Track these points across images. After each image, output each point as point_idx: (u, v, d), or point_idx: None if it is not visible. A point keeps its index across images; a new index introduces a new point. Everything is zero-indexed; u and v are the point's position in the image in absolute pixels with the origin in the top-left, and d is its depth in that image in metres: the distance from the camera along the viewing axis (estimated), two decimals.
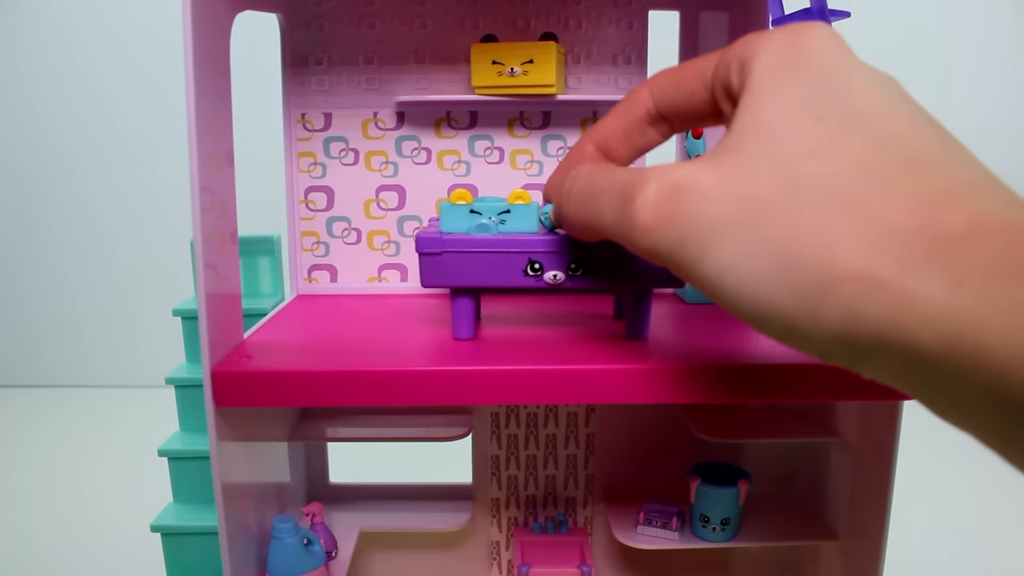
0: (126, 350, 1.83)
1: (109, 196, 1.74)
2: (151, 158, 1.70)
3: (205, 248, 0.55)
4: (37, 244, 1.78)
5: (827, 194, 0.32)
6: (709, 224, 0.35)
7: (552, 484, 0.89)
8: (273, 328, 0.69)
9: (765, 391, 0.57)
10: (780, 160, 0.34)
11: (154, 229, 1.75)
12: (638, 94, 0.47)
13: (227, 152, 0.59)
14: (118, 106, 1.69)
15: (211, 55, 0.55)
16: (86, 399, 1.78)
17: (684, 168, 0.37)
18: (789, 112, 0.35)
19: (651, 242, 0.37)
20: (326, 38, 0.80)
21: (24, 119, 1.70)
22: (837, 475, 0.79)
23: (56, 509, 1.26)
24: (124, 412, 1.70)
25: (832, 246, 0.31)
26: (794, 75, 0.36)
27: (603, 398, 0.57)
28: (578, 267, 0.59)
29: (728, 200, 0.34)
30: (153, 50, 1.64)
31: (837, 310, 0.31)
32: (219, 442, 0.57)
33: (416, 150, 0.81)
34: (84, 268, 1.80)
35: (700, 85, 0.43)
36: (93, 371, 1.85)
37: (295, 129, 0.81)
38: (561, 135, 0.81)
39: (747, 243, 0.33)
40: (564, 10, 0.80)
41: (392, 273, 0.83)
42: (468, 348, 0.61)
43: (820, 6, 0.67)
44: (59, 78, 1.66)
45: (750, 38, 0.39)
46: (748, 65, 0.38)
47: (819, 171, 0.33)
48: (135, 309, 1.81)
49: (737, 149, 0.36)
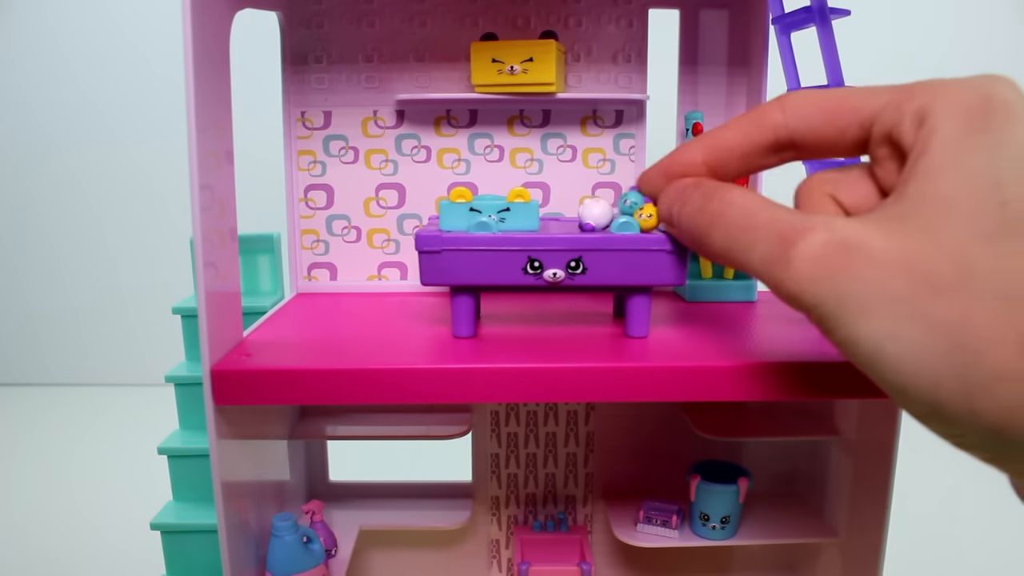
0: (126, 348, 1.83)
1: (108, 194, 1.74)
2: (150, 156, 1.70)
3: (205, 246, 0.55)
4: (36, 242, 1.78)
5: (1003, 287, 0.31)
6: (875, 291, 0.34)
7: (552, 482, 0.89)
8: (273, 326, 0.69)
9: (765, 390, 0.57)
10: (958, 240, 0.32)
11: (155, 227, 1.75)
12: (770, 116, 0.45)
13: (227, 150, 0.59)
14: (117, 104, 1.69)
15: (211, 53, 0.55)
16: (85, 397, 1.78)
17: (854, 226, 0.36)
18: (973, 189, 0.33)
19: (800, 290, 0.37)
20: (326, 36, 0.80)
21: (22, 117, 1.70)
22: (837, 473, 0.79)
23: (56, 507, 1.26)
24: (124, 410, 1.70)
25: (1003, 342, 0.30)
26: (982, 147, 0.34)
27: (603, 396, 0.57)
28: (577, 265, 0.59)
29: (899, 272, 0.33)
30: (153, 47, 1.64)
31: (996, 405, 0.30)
32: (219, 440, 0.57)
33: (416, 148, 0.81)
34: (83, 266, 1.80)
35: (855, 122, 0.41)
36: (92, 369, 1.85)
37: (295, 127, 0.81)
38: (561, 133, 0.81)
39: (913, 319, 0.32)
40: (564, 8, 0.80)
41: (392, 271, 0.83)
42: (468, 346, 0.61)
43: (820, 4, 0.67)
44: (58, 75, 1.66)
45: (931, 88, 0.37)
46: (929, 122, 0.36)
47: (997, 260, 0.32)
48: (134, 307, 1.81)
49: (912, 219, 0.34)
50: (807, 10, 0.67)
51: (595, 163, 0.82)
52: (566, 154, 0.82)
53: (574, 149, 0.82)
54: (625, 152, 0.82)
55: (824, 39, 0.67)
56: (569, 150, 0.82)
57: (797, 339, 0.64)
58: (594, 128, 0.82)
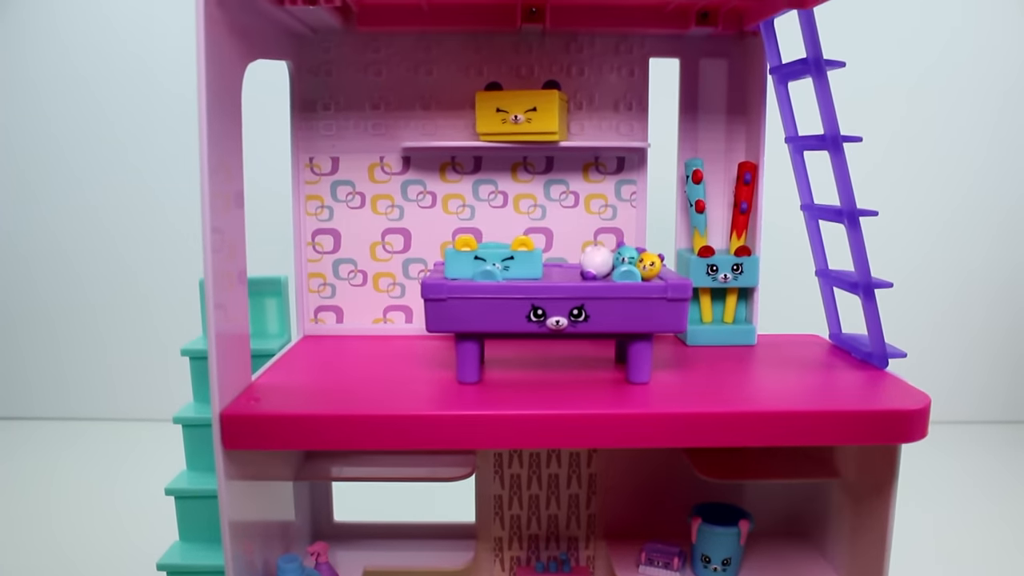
0: (133, 385, 1.84)
1: (123, 227, 1.75)
2: (162, 197, 1.71)
3: (215, 288, 0.56)
4: (42, 280, 1.79)
5: None
6: None
7: (554, 523, 0.89)
8: (281, 370, 0.70)
9: (765, 436, 0.58)
10: None
11: (160, 268, 1.76)
12: None
13: (237, 194, 0.61)
14: (131, 145, 1.71)
15: (224, 102, 0.57)
16: (92, 433, 1.79)
17: None
18: None
19: None
20: (334, 84, 0.82)
21: (35, 152, 1.72)
22: (837, 515, 0.80)
23: (61, 544, 1.26)
24: (130, 447, 1.70)
25: None
26: None
27: (605, 443, 0.58)
28: (580, 313, 0.60)
29: None
30: (168, 93, 1.66)
31: None
32: (227, 481, 0.58)
33: (421, 194, 0.83)
34: (91, 303, 1.81)
35: None
36: (98, 405, 1.86)
37: (303, 172, 0.83)
38: (564, 180, 0.83)
39: None
40: (567, 57, 0.82)
41: (397, 314, 0.85)
42: (472, 392, 0.62)
43: (816, 57, 0.68)
44: (79, 114, 1.68)
45: None
46: None
47: None
48: (141, 345, 1.82)
49: None
50: (803, 62, 0.69)
51: (597, 209, 0.84)
52: (568, 200, 0.83)
53: (576, 195, 0.83)
54: (627, 198, 0.84)
55: (820, 90, 0.68)
56: (572, 196, 0.83)
57: (796, 384, 0.65)
58: (596, 174, 0.83)
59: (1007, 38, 1.57)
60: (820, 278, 0.79)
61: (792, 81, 0.74)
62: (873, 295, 0.69)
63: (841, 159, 0.68)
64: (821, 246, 0.78)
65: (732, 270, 0.79)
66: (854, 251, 0.69)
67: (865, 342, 0.74)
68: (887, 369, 0.71)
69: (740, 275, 0.79)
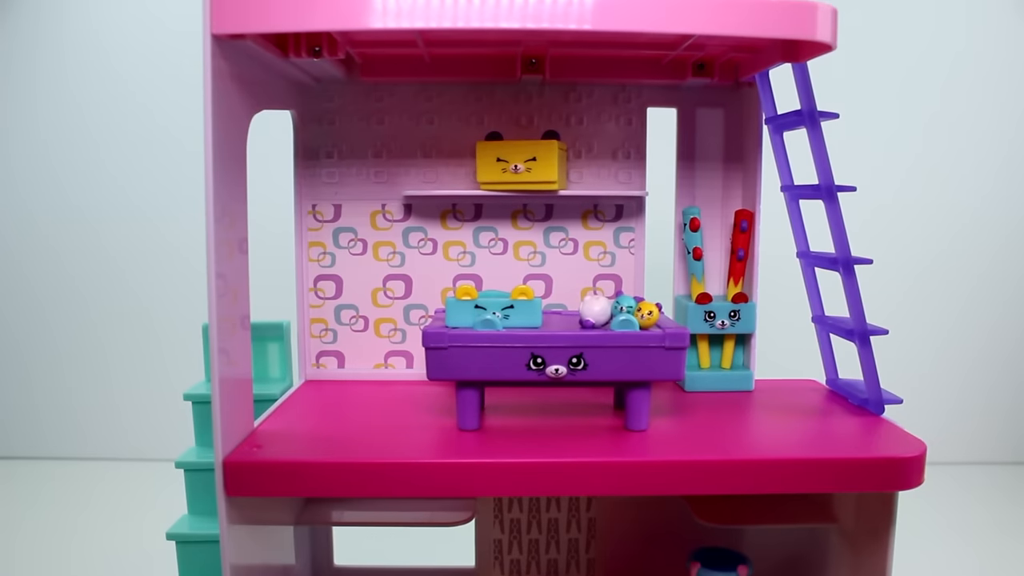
0: (135, 425, 1.84)
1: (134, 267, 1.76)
2: (170, 238, 1.73)
3: (219, 333, 0.57)
4: (50, 318, 1.80)
5: None
6: None
7: (554, 568, 0.89)
8: (283, 416, 0.70)
9: (764, 483, 0.59)
10: None
11: (167, 309, 1.77)
12: None
13: (241, 240, 0.62)
14: (134, 189, 1.72)
15: (229, 151, 0.58)
16: (91, 473, 1.78)
17: None
18: None
19: None
20: (337, 133, 0.83)
21: (45, 197, 1.73)
22: (836, 560, 0.80)
23: None
24: (132, 487, 1.69)
25: None
26: None
27: (604, 490, 0.58)
28: (579, 362, 0.61)
29: None
30: (172, 140, 1.68)
31: None
32: (229, 526, 0.58)
33: (423, 241, 0.84)
34: (93, 344, 1.81)
35: None
36: (95, 445, 1.85)
37: (306, 219, 0.84)
38: (563, 227, 0.84)
39: None
40: (566, 107, 0.83)
41: (398, 360, 0.85)
42: (472, 440, 0.62)
43: (810, 109, 0.70)
44: (85, 156, 1.70)
45: None
46: None
47: None
48: (140, 388, 1.82)
49: None
50: (798, 113, 0.71)
51: (596, 256, 0.85)
52: (568, 247, 0.85)
53: (576, 242, 0.85)
54: (625, 245, 0.85)
55: (814, 140, 0.70)
56: (571, 243, 0.85)
57: (794, 431, 0.66)
58: (595, 222, 0.84)
59: (1006, 88, 1.59)
60: (816, 324, 0.80)
61: (788, 131, 0.75)
62: (869, 342, 0.70)
63: (836, 208, 0.69)
64: (817, 292, 0.79)
65: (729, 316, 0.80)
66: (849, 299, 0.70)
67: (861, 388, 0.75)
68: (883, 415, 0.71)
69: (737, 321, 0.80)
